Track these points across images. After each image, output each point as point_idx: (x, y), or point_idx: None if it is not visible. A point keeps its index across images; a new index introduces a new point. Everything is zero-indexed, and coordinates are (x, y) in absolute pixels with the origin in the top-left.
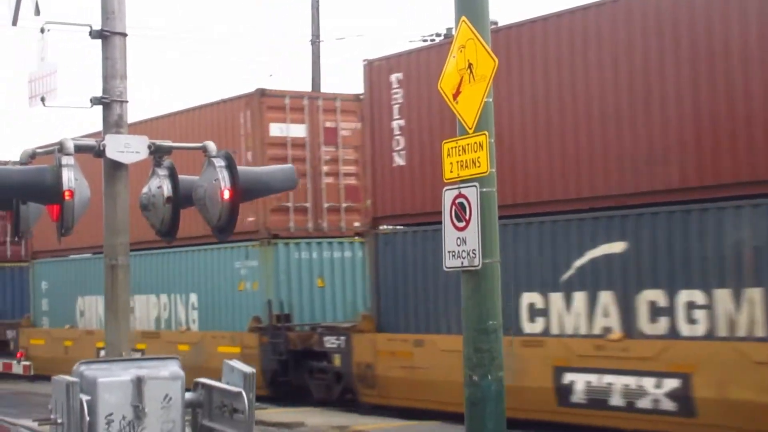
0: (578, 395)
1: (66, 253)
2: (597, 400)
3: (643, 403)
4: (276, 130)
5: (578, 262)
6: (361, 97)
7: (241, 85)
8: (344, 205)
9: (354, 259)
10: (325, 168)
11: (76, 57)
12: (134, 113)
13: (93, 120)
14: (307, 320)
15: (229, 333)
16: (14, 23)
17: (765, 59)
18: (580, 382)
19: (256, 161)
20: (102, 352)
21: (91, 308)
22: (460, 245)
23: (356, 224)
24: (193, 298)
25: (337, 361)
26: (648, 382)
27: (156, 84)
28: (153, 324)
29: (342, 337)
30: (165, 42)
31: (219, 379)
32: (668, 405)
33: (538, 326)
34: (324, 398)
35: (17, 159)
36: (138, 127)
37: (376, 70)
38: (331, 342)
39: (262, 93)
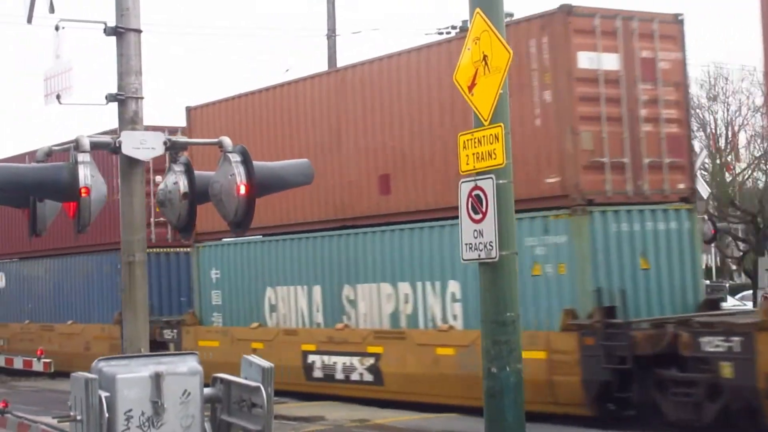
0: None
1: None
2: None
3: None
4: (585, 61)
5: None
6: (681, 18)
7: (259, 80)
8: (667, 161)
9: (680, 232)
10: (643, 112)
11: (90, 53)
12: (150, 109)
13: (111, 116)
14: (632, 314)
15: (527, 332)
16: (29, 21)
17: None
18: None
19: (559, 102)
20: (314, 358)
21: (288, 301)
22: (477, 237)
23: (680, 186)
24: (453, 286)
25: (726, 371)
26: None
27: (172, 78)
28: (388, 321)
29: (735, 338)
30: (183, 37)
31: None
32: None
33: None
34: (689, 420)
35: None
36: (357, 68)
37: None
38: (713, 344)
39: (568, 11)
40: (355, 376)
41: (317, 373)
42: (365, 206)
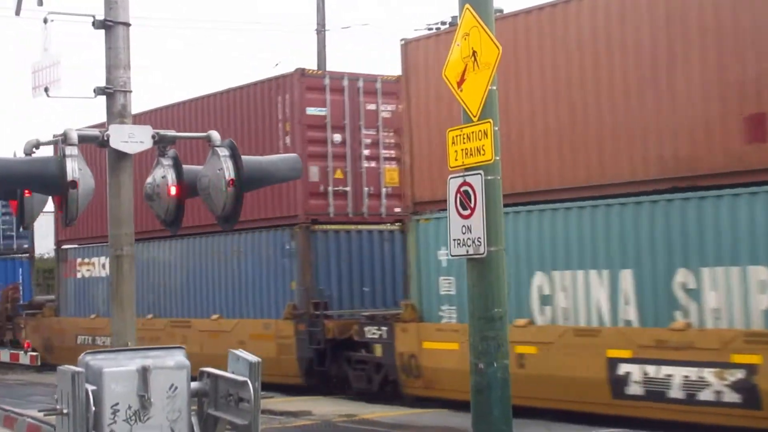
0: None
1: None
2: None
3: None
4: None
5: None
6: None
7: (248, 74)
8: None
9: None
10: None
11: (79, 46)
12: (137, 103)
13: (98, 110)
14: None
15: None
16: (17, 13)
17: None
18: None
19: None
20: (630, 368)
21: (573, 291)
22: (465, 233)
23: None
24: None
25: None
26: None
27: (159, 73)
28: (762, 319)
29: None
30: (168, 31)
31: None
32: None
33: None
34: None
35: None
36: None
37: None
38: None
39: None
40: (706, 395)
41: (634, 390)
42: (717, 160)
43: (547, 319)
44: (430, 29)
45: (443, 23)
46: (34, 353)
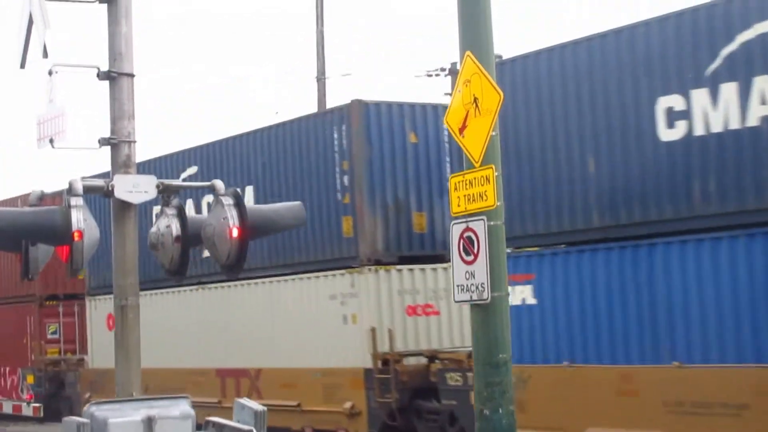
0: None
1: None
2: None
3: None
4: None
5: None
6: None
7: (249, 122)
8: None
9: None
10: None
11: (83, 95)
12: (141, 151)
13: (102, 157)
14: None
15: None
16: (23, 66)
17: None
18: None
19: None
20: None
21: None
22: (469, 279)
23: None
24: None
25: None
26: None
27: (161, 121)
28: None
29: None
30: (170, 80)
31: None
32: None
33: None
34: None
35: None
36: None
37: None
38: None
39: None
40: None
41: None
42: None
43: None
44: (429, 75)
45: (442, 69)
46: (37, 405)
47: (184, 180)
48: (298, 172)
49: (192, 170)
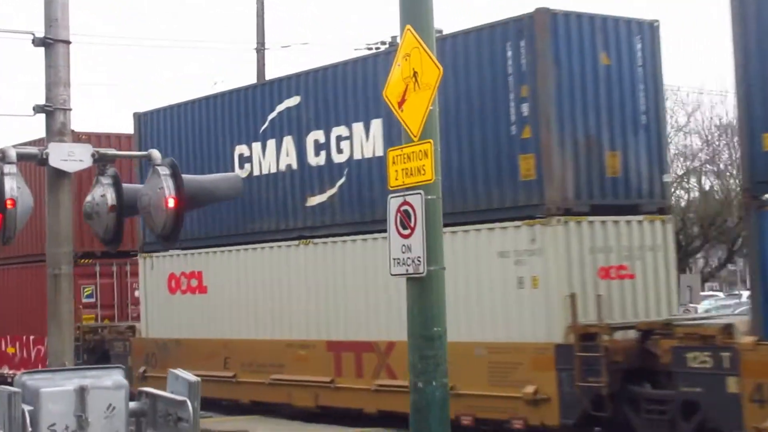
0: None
1: None
2: None
3: None
4: None
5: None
6: None
7: (188, 92)
8: None
9: None
10: None
11: (19, 62)
12: (76, 121)
13: (35, 126)
14: None
15: None
16: None
17: None
18: None
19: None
20: None
21: None
22: (405, 252)
23: None
24: None
25: None
26: None
27: (101, 90)
28: None
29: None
30: (108, 48)
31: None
32: None
33: None
34: None
35: None
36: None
37: None
38: None
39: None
40: None
41: None
42: None
43: None
44: (369, 49)
45: (383, 43)
46: None
47: (278, 113)
48: (452, 101)
49: (292, 101)
